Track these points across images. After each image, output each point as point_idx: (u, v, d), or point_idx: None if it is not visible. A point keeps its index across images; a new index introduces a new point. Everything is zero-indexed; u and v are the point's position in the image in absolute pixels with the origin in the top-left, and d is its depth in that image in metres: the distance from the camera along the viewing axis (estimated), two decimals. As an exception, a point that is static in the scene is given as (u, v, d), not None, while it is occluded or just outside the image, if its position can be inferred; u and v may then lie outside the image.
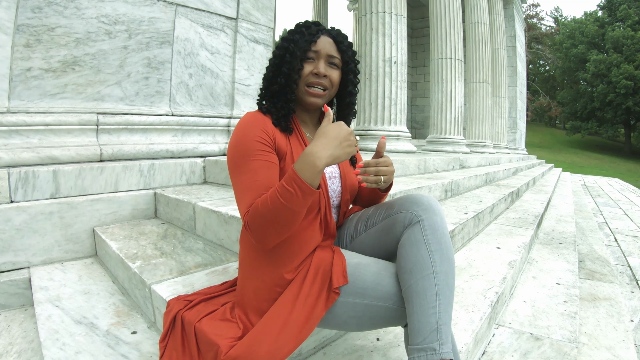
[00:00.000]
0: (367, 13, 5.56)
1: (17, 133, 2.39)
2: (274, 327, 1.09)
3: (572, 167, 25.06)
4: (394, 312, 1.10)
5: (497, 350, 1.65)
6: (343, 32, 1.35)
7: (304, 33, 1.27)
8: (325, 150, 1.05)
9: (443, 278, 1.07)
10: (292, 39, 1.27)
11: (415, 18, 14.05)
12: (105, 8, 2.73)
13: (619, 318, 2.32)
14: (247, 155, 1.16)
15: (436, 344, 1.00)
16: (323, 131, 1.08)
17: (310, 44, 1.26)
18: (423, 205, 1.17)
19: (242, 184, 1.15)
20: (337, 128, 1.08)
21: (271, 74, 1.31)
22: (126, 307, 1.78)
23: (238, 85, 3.58)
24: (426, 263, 1.08)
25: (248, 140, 1.18)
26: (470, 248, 2.66)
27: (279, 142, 1.22)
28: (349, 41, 1.35)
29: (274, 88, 1.29)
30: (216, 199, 2.42)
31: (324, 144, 1.05)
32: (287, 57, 1.26)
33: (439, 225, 1.14)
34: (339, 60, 1.31)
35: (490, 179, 5.65)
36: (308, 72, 1.26)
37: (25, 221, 2.17)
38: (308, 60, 1.27)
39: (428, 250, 1.09)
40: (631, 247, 4.98)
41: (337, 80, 1.32)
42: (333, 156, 1.06)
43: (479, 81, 9.78)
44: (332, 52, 1.29)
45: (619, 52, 34.87)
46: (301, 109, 1.37)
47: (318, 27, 1.30)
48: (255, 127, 1.20)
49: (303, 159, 1.04)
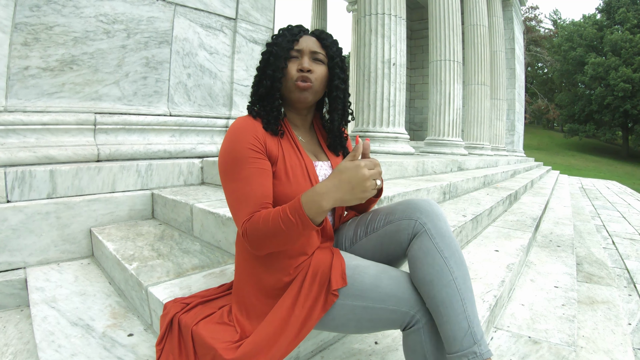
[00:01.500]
0: (367, 14, 5.56)
1: (14, 132, 2.37)
2: (272, 333, 1.09)
3: (570, 170, 25.10)
4: (393, 313, 1.09)
5: (496, 353, 1.65)
6: (327, 32, 1.36)
7: (286, 35, 1.29)
8: (336, 193, 1.02)
9: (462, 281, 1.08)
10: (275, 42, 1.29)
11: (414, 20, 14.05)
12: (104, 7, 2.72)
13: (617, 321, 2.32)
14: (239, 162, 1.17)
15: (475, 347, 1.02)
16: (340, 170, 1.04)
17: (292, 43, 1.28)
18: (425, 211, 1.17)
19: (236, 192, 1.16)
20: (353, 171, 1.02)
21: (257, 78, 1.33)
22: (122, 309, 1.77)
23: (236, 86, 3.57)
24: (444, 271, 1.08)
25: (239, 147, 1.18)
26: (469, 251, 2.66)
27: (270, 147, 1.22)
28: (333, 39, 1.35)
29: (261, 91, 1.30)
30: (214, 200, 2.41)
31: (336, 185, 1.02)
32: (271, 59, 1.27)
33: (445, 230, 1.15)
34: (323, 55, 1.32)
35: (488, 181, 5.65)
36: (293, 70, 1.27)
37: (21, 221, 2.15)
38: (292, 59, 1.28)
39: (442, 257, 1.10)
40: (629, 250, 4.99)
41: (322, 75, 1.31)
42: (342, 200, 1.03)
43: (477, 83, 9.80)
44: (315, 48, 1.30)
45: (617, 55, 34.96)
46: (292, 112, 1.37)
47: (300, 28, 1.32)
48: (245, 133, 1.20)
49: (312, 196, 1.03)
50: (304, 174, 1.25)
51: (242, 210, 1.13)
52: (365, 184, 1.01)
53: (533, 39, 45.57)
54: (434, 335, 1.07)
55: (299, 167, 1.26)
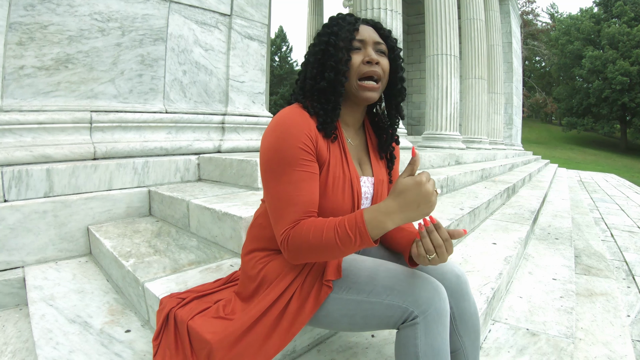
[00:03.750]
0: (362, 10, 5.55)
1: (10, 132, 2.37)
2: (268, 326, 1.08)
3: (568, 163, 25.11)
4: (388, 309, 1.04)
5: (493, 346, 1.65)
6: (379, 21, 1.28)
7: (342, 24, 1.18)
8: (401, 213, 0.97)
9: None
10: (331, 32, 1.18)
11: (410, 15, 14.01)
12: (99, 5, 2.71)
13: (616, 313, 2.32)
14: (288, 163, 1.08)
15: None
16: (402, 190, 0.97)
17: (353, 33, 1.17)
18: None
19: (281, 195, 1.08)
20: (416, 189, 0.95)
21: (315, 70, 1.19)
22: (120, 306, 1.77)
23: (232, 82, 3.56)
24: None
25: (289, 146, 1.08)
26: (466, 244, 2.66)
27: (321, 149, 1.14)
28: (388, 28, 1.27)
29: (321, 85, 1.17)
30: (210, 196, 2.41)
31: (402, 205, 0.96)
32: (331, 50, 1.16)
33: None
34: (384, 46, 1.23)
35: (486, 174, 5.66)
36: (358, 62, 1.17)
37: (19, 220, 2.15)
38: (354, 50, 1.18)
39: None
40: (627, 243, 5.00)
41: (387, 68, 1.23)
42: (407, 219, 0.98)
43: (474, 77, 9.78)
44: (377, 38, 1.21)
45: (615, 49, 34.93)
46: (347, 108, 1.25)
47: (355, 17, 1.22)
48: (298, 129, 1.10)
49: (376, 216, 0.98)
50: (344, 189, 1.18)
51: (285, 216, 1.07)
52: (431, 199, 0.96)
53: (530, 33, 45.51)
54: (430, 334, 1.00)
55: (341, 180, 1.17)
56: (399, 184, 0.97)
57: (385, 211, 0.97)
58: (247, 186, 2.71)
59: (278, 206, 1.09)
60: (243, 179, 2.74)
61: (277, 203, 1.09)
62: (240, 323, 1.09)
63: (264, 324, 1.09)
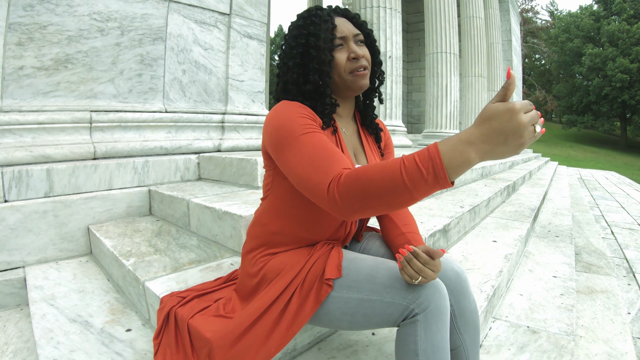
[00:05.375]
0: (362, 8, 5.54)
1: (10, 132, 2.37)
2: (269, 324, 1.08)
3: (569, 161, 25.09)
4: (388, 307, 1.02)
5: (494, 343, 1.65)
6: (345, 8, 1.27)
7: (317, 22, 1.16)
8: (485, 144, 0.79)
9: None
10: (309, 32, 1.16)
11: (410, 13, 14.01)
12: (98, 5, 2.71)
13: (616, 311, 2.32)
14: (299, 131, 1.05)
15: None
16: (488, 116, 0.79)
17: (333, 31, 1.16)
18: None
19: (311, 155, 1.01)
20: (506, 117, 0.76)
21: (295, 75, 1.18)
22: (120, 305, 1.77)
23: (232, 81, 3.56)
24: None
25: (294, 117, 1.08)
26: (467, 242, 2.66)
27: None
28: (357, 13, 1.27)
29: (307, 88, 1.17)
30: (210, 195, 2.41)
31: (485, 135, 0.79)
32: (312, 52, 1.15)
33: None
34: (362, 36, 1.23)
35: (486, 172, 5.65)
36: (344, 59, 1.17)
37: (19, 220, 2.15)
38: (337, 48, 1.17)
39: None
40: (628, 240, 4.99)
41: (369, 56, 1.24)
42: (492, 154, 0.80)
43: (474, 75, 9.78)
44: (354, 30, 1.21)
45: (615, 46, 34.85)
46: (339, 102, 1.27)
47: (327, 10, 1.21)
48: (298, 108, 1.11)
49: (455, 145, 0.81)
50: None
51: (324, 169, 0.97)
52: (523, 133, 0.76)
53: (530, 31, 45.43)
54: (430, 331, 0.97)
55: None
56: (487, 109, 0.79)
57: (466, 140, 0.80)
58: (247, 185, 2.71)
59: (312, 163, 1.00)
60: (243, 178, 2.74)
61: (308, 163, 1.01)
62: (241, 321, 1.08)
63: (265, 322, 1.08)
